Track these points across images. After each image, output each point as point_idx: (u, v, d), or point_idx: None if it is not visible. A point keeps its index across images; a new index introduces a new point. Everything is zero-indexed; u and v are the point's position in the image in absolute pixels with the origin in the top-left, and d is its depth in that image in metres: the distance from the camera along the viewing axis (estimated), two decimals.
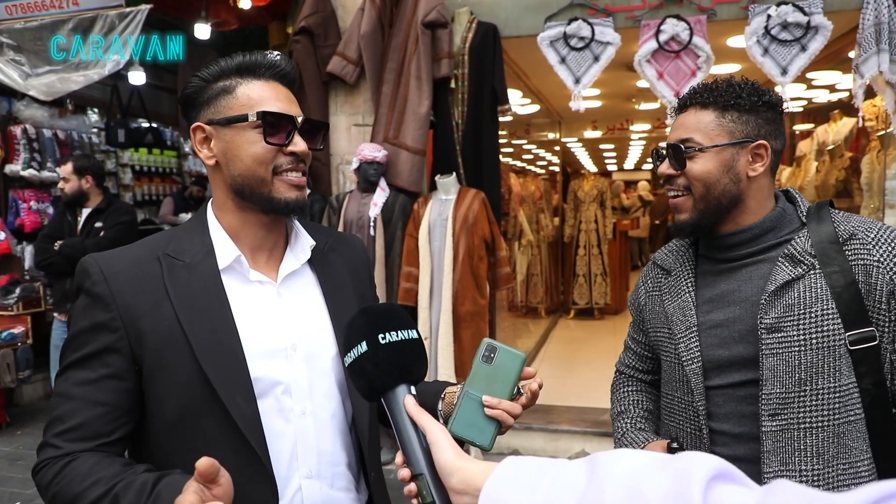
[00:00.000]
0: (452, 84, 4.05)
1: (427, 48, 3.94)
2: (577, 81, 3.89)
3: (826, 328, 1.21)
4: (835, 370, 1.20)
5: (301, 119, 1.10)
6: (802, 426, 1.21)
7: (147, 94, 7.63)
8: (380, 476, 1.21)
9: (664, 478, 0.52)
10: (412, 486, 0.77)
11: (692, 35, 3.65)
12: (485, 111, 4.05)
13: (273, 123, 1.08)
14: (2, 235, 5.18)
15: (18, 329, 4.85)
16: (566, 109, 4.32)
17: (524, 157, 8.66)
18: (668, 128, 1.45)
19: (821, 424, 1.21)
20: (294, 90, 1.16)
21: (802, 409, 1.21)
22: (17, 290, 5.00)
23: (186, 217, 7.03)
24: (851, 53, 3.69)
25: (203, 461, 0.82)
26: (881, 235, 1.23)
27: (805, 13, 3.46)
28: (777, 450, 1.23)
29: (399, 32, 4.02)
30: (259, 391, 1.06)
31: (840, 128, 5.65)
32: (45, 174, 5.57)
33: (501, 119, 4.25)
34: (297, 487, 1.08)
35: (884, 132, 4.14)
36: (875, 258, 1.21)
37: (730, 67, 5.51)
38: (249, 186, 1.09)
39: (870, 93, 3.71)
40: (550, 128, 9.02)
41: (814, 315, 1.21)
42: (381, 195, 3.89)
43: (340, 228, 3.89)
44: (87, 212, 4.11)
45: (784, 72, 3.54)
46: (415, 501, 0.78)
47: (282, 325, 1.11)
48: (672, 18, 3.68)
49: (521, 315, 7.03)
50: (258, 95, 1.09)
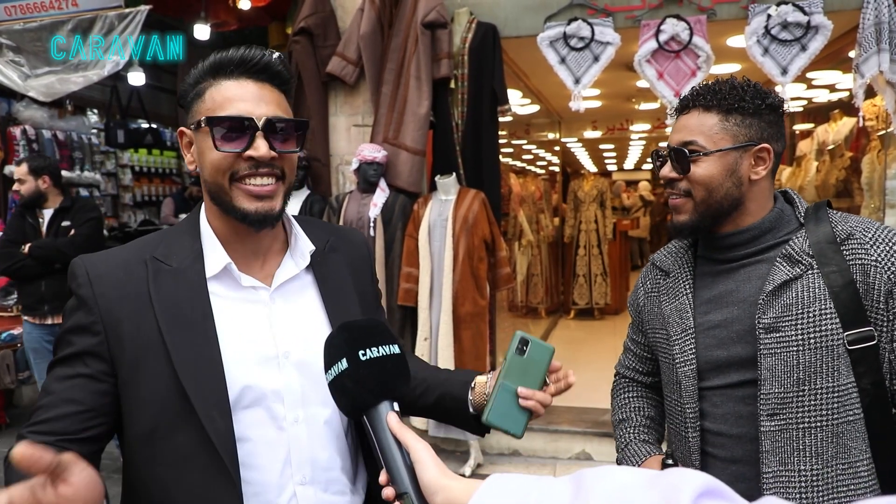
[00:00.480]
0: (452, 84, 4.04)
1: (427, 48, 3.93)
2: (577, 81, 3.89)
3: (824, 328, 1.20)
4: (833, 370, 1.20)
5: (263, 120, 1.02)
6: (801, 426, 1.21)
7: (146, 95, 7.64)
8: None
9: (652, 496, 0.52)
10: None
11: (692, 35, 3.65)
12: (484, 111, 4.05)
13: (227, 128, 1.02)
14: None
15: (18, 330, 4.85)
16: (566, 109, 4.32)
17: (524, 158, 8.66)
18: (669, 128, 1.44)
19: (819, 424, 1.20)
20: (281, 83, 1.09)
21: (801, 409, 1.21)
22: (16, 292, 4.99)
23: None
24: (852, 53, 3.69)
25: (19, 447, 0.67)
26: (879, 235, 1.23)
27: (805, 13, 3.45)
28: (776, 450, 1.22)
29: (398, 33, 4.02)
30: (249, 401, 1.04)
31: (840, 127, 5.64)
32: None
33: (501, 119, 4.24)
34: (292, 494, 1.07)
35: (884, 132, 4.13)
36: (873, 258, 1.21)
37: (730, 67, 5.51)
38: (216, 193, 1.06)
39: (870, 92, 3.71)
40: (550, 128, 9.02)
41: (812, 315, 1.21)
42: (381, 196, 3.88)
43: (326, 221, 3.87)
44: (50, 212, 3.97)
45: (784, 71, 3.54)
46: None
47: (273, 332, 1.09)
48: (672, 18, 3.67)
49: (522, 315, 7.02)
50: (222, 97, 1.03)
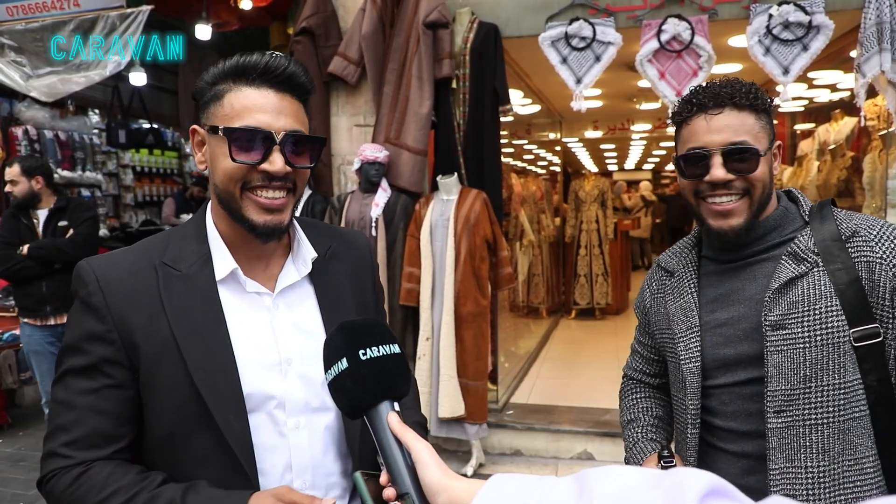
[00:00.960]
0: (454, 84, 4.05)
1: (428, 48, 3.94)
2: (579, 81, 3.89)
3: (830, 325, 1.20)
4: (839, 367, 1.20)
5: (282, 135, 1.01)
6: (807, 423, 1.21)
7: (148, 95, 7.64)
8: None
9: (656, 495, 0.51)
10: None
11: (694, 35, 3.65)
12: (486, 111, 4.05)
13: (245, 139, 1.00)
14: None
15: (20, 331, 4.85)
16: (567, 109, 4.32)
17: (525, 158, 8.65)
18: (670, 128, 1.43)
19: (826, 421, 1.21)
20: (300, 94, 1.08)
21: (807, 406, 1.21)
22: (14, 294, 4.98)
23: (188, 218, 7.04)
24: (853, 53, 3.69)
25: None
26: (884, 233, 1.23)
27: (807, 12, 3.45)
28: (782, 446, 1.23)
29: (400, 33, 4.02)
30: (252, 406, 1.04)
31: (841, 127, 5.64)
32: None
33: (502, 119, 4.24)
34: None
35: (885, 131, 4.13)
36: (878, 255, 1.21)
37: (731, 67, 5.51)
38: (226, 200, 1.06)
39: (871, 92, 3.71)
40: (551, 128, 9.01)
41: (818, 312, 1.21)
42: (383, 196, 3.89)
43: (330, 224, 3.88)
44: (44, 213, 3.96)
45: (786, 71, 3.54)
46: None
47: (277, 339, 1.09)
48: (673, 18, 3.68)
49: (523, 315, 7.02)
50: (241, 105, 1.01)
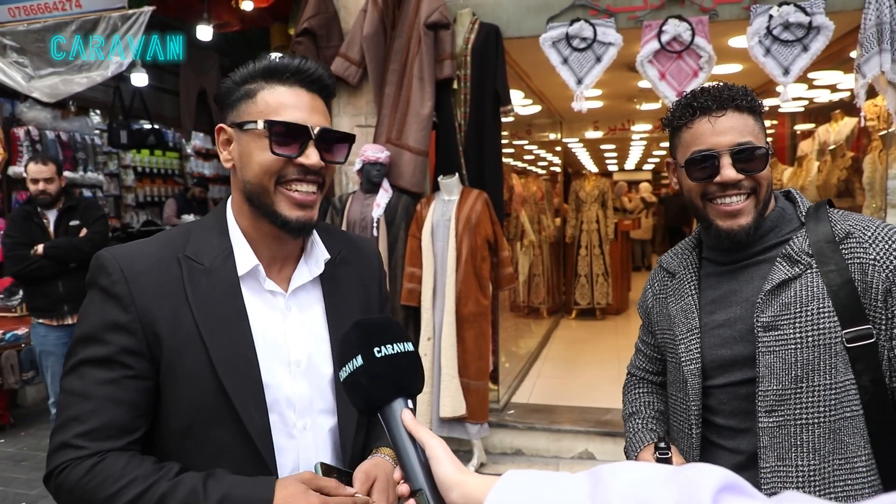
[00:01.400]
0: (455, 85, 4.06)
1: (429, 49, 3.95)
2: (580, 82, 3.90)
3: (822, 326, 1.21)
4: (831, 367, 1.21)
5: (318, 129, 1.06)
6: (799, 422, 1.22)
7: (149, 96, 7.65)
8: None
9: (671, 491, 0.52)
10: (411, 502, 0.75)
11: (694, 35, 3.66)
12: (487, 112, 4.06)
13: (283, 133, 1.04)
14: None
15: (22, 330, 4.87)
16: (568, 110, 4.33)
17: (526, 158, 8.66)
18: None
19: (817, 421, 1.22)
20: (327, 96, 1.12)
21: (799, 406, 1.22)
22: (21, 292, 5.01)
23: (189, 219, 7.05)
24: (853, 53, 3.70)
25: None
26: (878, 234, 1.23)
27: (807, 13, 3.46)
28: (774, 445, 1.24)
29: (401, 34, 4.03)
30: (267, 403, 1.06)
31: (841, 128, 5.64)
32: None
33: (503, 120, 4.25)
34: None
35: (885, 132, 4.14)
36: (871, 256, 1.21)
37: (731, 68, 5.52)
38: (257, 195, 1.07)
39: (871, 92, 3.71)
40: (552, 128, 9.02)
41: (810, 313, 1.22)
42: (384, 196, 3.89)
43: (343, 229, 3.89)
44: (54, 213, 3.96)
45: (786, 72, 3.55)
46: None
47: (288, 339, 1.11)
48: (674, 19, 3.69)
49: (523, 315, 7.02)
50: (277, 102, 1.05)
